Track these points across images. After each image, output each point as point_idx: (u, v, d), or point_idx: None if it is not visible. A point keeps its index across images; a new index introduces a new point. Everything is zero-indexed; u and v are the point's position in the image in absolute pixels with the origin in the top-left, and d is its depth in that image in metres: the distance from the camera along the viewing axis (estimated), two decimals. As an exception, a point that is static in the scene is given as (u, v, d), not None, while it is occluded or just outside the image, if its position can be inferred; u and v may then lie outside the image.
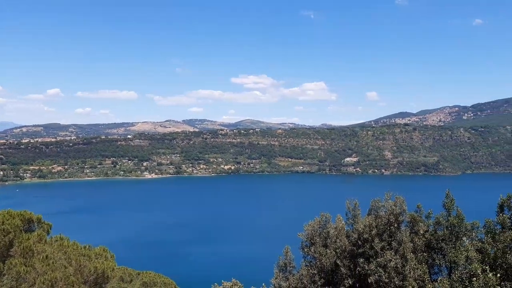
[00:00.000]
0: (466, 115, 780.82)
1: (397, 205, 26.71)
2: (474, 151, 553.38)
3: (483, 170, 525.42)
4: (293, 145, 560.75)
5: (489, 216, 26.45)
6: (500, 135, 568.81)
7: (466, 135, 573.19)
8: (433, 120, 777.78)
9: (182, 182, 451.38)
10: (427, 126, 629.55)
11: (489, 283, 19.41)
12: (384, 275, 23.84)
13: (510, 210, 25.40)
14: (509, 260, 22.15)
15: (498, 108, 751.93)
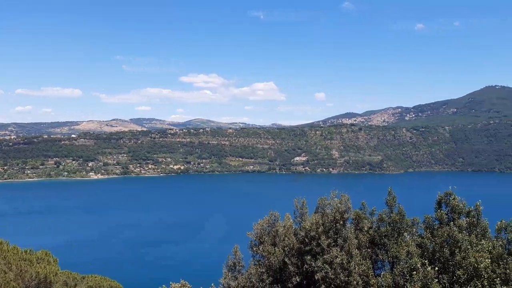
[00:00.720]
0: (408, 116, 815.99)
1: (342, 203, 27.41)
2: (415, 150, 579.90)
3: (423, 168, 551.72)
4: (243, 145, 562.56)
5: (428, 212, 27.68)
6: (439, 135, 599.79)
7: (408, 135, 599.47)
8: (378, 121, 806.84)
9: (130, 183, 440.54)
10: (372, 126, 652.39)
11: (428, 276, 20.39)
12: (331, 271, 24.39)
13: (447, 206, 26.70)
14: (446, 254, 23.34)
15: (437, 109, 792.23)
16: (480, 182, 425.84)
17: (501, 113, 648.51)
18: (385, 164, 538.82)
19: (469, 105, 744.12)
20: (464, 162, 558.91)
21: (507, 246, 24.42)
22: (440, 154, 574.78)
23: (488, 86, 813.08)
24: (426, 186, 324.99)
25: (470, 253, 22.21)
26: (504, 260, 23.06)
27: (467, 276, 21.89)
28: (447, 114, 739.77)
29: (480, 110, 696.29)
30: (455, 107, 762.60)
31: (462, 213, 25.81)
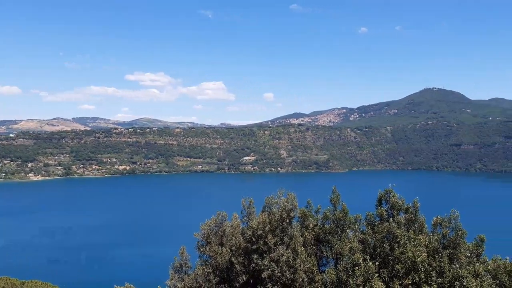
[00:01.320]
0: (352, 116, 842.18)
1: (289, 201, 27.82)
2: (359, 149, 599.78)
3: (367, 167, 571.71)
4: (192, 145, 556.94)
5: (370, 209, 28.68)
6: (382, 135, 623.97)
7: (353, 135, 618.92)
8: (324, 121, 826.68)
9: (73, 184, 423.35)
10: (319, 126, 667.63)
11: (369, 271, 21.15)
12: (277, 269, 24.68)
13: (387, 203, 27.79)
14: (386, 249, 24.31)
15: (380, 110, 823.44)
16: (419, 179, 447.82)
17: (438, 114, 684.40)
18: (331, 163, 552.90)
19: (409, 107, 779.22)
20: (404, 161, 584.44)
21: (442, 241, 25.78)
22: (382, 153, 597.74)
23: (427, 88, 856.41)
24: (369, 184, 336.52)
25: (408, 248, 23.26)
26: (440, 254, 24.37)
27: (405, 270, 22.92)
28: (389, 115, 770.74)
29: (419, 111, 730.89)
30: (396, 108, 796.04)
31: (401, 209, 26.96)
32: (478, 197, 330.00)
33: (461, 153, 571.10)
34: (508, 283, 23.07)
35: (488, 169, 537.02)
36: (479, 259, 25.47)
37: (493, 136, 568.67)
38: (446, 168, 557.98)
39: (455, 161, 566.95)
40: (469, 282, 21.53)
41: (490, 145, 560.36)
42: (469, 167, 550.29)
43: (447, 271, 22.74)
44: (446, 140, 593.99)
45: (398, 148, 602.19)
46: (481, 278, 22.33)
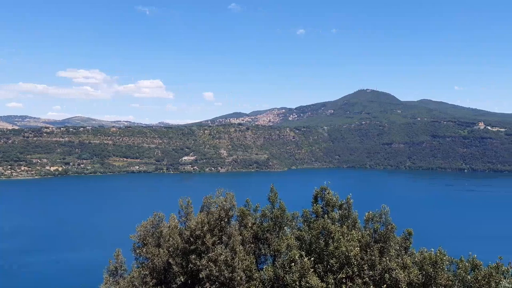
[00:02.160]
0: (291, 116, 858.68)
1: (227, 200, 27.91)
2: (298, 148, 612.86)
3: (305, 165, 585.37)
4: (128, 144, 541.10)
5: (307, 206, 29.41)
6: (319, 135, 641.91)
7: (292, 135, 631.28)
8: (264, 120, 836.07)
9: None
10: (259, 126, 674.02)
11: (304, 266, 21.74)
12: (215, 269, 24.64)
13: (322, 200, 28.68)
14: (321, 244, 25.06)
15: (317, 110, 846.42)
16: (353, 177, 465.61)
17: (371, 115, 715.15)
18: (271, 162, 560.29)
19: (344, 107, 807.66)
20: (340, 159, 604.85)
21: (373, 235, 26.99)
22: (319, 152, 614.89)
23: (360, 89, 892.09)
24: (307, 182, 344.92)
25: (342, 243, 24.13)
26: (371, 247, 25.49)
27: (339, 264, 23.76)
28: (326, 115, 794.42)
29: (354, 112, 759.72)
30: (332, 109, 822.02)
31: (335, 206, 27.96)
32: (407, 193, 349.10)
33: (392, 151, 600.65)
34: (433, 274, 24.54)
35: (417, 166, 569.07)
36: (407, 251, 26.98)
37: (421, 135, 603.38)
38: (378, 166, 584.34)
39: (386, 159, 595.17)
40: (398, 274, 22.77)
41: (418, 144, 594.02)
42: (399, 165, 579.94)
43: (378, 264, 23.92)
44: (378, 139, 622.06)
45: (334, 147, 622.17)
46: (409, 270, 23.67)
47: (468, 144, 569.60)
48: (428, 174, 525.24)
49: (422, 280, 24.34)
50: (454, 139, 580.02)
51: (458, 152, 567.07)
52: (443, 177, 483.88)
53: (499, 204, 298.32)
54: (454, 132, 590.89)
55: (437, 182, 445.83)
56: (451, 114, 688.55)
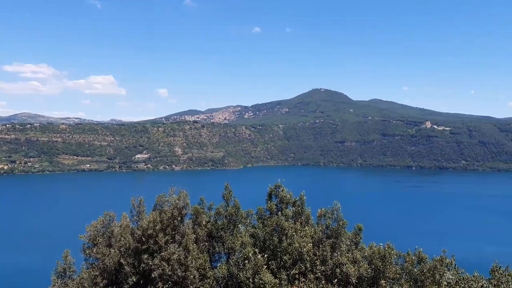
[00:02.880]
0: (247, 114, 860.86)
1: (181, 199, 27.60)
2: (253, 146, 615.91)
3: (261, 163, 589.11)
4: (79, 142, 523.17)
5: (261, 204, 29.60)
6: (274, 133, 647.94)
7: (247, 133, 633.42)
8: (219, 118, 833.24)
9: None
10: (214, 124, 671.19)
11: (258, 263, 21.91)
12: (168, 268, 24.35)
13: (277, 197, 28.97)
14: (275, 241, 25.36)
15: (272, 108, 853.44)
16: (307, 174, 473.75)
17: (325, 113, 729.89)
18: (226, 160, 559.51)
19: (299, 106, 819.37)
20: (295, 157, 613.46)
21: (325, 231, 27.62)
22: (275, 150, 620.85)
23: (315, 89, 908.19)
24: (262, 179, 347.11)
25: (295, 239, 24.53)
26: (323, 243, 26.06)
27: (292, 261, 24.14)
28: (281, 114, 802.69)
29: (308, 110, 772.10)
30: (287, 107, 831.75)
31: (289, 203, 28.33)
32: (358, 190, 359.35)
33: (344, 149, 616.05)
34: (382, 267, 25.46)
35: (368, 164, 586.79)
36: (358, 246, 27.81)
37: (372, 134, 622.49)
38: (332, 163, 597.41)
39: (339, 157, 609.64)
40: (348, 268, 23.47)
41: (369, 142, 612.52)
42: (351, 162, 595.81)
43: (329, 259, 24.53)
44: (331, 137, 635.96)
45: (290, 145, 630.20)
46: (359, 264, 24.46)
47: (416, 143, 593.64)
48: (378, 171, 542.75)
49: (371, 274, 25.19)
50: (402, 138, 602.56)
51: (406, 150, 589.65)
52: (393, 174, 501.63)
53: (444, 200, 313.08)
54: (402, 131, 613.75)
55: (386, 179, 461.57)
56: (400, 113, 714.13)
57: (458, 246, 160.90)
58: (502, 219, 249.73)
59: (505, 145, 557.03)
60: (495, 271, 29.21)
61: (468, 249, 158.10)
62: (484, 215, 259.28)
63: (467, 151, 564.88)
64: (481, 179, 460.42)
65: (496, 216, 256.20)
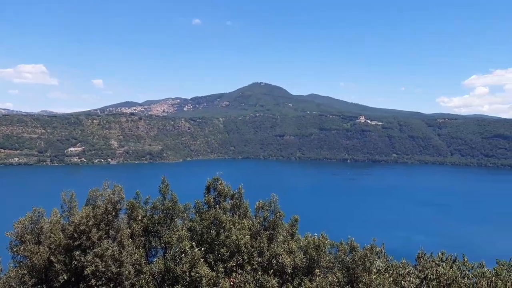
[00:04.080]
0: (186, 107, 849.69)
1: (115, 193, 26.80)
2: (193, 139, 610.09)
3: (200, 156, 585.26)
4: (6, 134, 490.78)
5: (200, 197, 29.45)
6: (214, 126, 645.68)
7: (187, 125, 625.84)
8: (158, 111, 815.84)
9: None
10: (152, 116, 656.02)
11: (195, 257, 21.86)
12: (101, 264, 23.62)
13: (215, 191, 28.95)
14: (213, 234, 25.38)
15: (213, 101, 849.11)
16: (247, 167, 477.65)
17: (265, 107, 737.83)
18: (165, 153, 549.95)
19: (239, 99, 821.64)
20: (235, 150, 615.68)
21: (263, 223, 28.04)
22: (215, 143, 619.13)
23: (255, 82, 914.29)
24: (201, 173, 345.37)
25: (233, 232, 24.69)
26: (261, 235, 26.47)
27: (230, 253, 24.30)
28: (221, 107, 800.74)
29: (248, 104, 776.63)
30: (228, 101, 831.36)
31: (227, 196, 28.42)
32: (296, 182, 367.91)
33: (284, 143, 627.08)
34: (316, 257, 26.32)
35: (306, 157, 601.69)
36: (294, 237, 28.52)
37: (310, 128, 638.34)
38: (271, 156, 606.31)
39: (279, 150, 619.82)
40: (284, 259, 24.05)
41: (307, 136, 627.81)
42: (290, 156, 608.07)
43: (266, 250, 24.97)
44: (271, 131, 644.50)
45: (230, 139, 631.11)
46: (294, 254, 25.13)
47: (351, 137, 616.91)
48: (316, 164, 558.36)
49: (306, 264, 25.98)
50: (338, 132, 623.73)
51: (342, 144, 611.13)
52: (329, 167, 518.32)
53: (376, 192, 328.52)
54: (338, 125, 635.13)
55: (323, 171, 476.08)
56: (337, 108, 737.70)
57: (389, 235, 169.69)
58: (429, 209, 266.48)
59: (431, 139, 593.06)
60: (421, 257, 31.34)
61: (398, 238, 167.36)
62: (413, 206, 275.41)
63: (398, 145, 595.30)
64: (410, 171, 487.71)
65: (423, 207, 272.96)
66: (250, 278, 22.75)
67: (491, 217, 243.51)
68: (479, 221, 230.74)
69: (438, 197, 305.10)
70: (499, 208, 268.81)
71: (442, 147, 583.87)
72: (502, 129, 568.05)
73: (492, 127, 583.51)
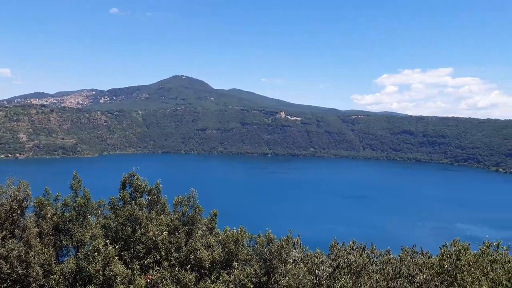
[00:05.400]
0: (103, 99, 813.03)
1: (21, 190, 25.09)
2: (110, 133, 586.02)
3: (118, 151, 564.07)
4: None
5: (116, 193, 28.48)
6: (133, 119, 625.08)
7: (103, 118, 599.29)
8: (71, 102, 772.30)
9: None
10: (66, 109, 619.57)
11: (109, 255, 21.18)
12: (6, 266, 22.06)
13: (131, 186, 28.17)
14: (128, 231, 24.72)
15: (131, 94, 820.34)
16: (167, 162, 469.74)
17: (186, 101, 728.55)
18: (80, 147, 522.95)
19: (160, 92, 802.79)
20: (155, 144, 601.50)
21: (182, 218, 27.83)
22: (134, 137, 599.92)
23: (176, 75, 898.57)
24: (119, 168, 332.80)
25: (150, 228, 24.23)
26: (179, 231, 26.26)
27: (146, 250, 23.84)
28: (140, 99, 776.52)
29: (169, 97, 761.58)
30: (147, 93, 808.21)
31: (144, 191, 27.78)
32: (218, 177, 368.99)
33: (206, 137, 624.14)
34: (235, 250, 26.70)
35: (228, 151, 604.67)
36: (212, 231, 28.65)
37: (231, 122, 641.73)
38: (193, 151, 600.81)
39: (200, 145, 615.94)
40: (202, 253, 24.10)
41: (229, 130, 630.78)
42: (212, 150, 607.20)
43: (184, 246, 24.84)
44: (193, 125, 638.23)
45: (149, 132, 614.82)
46: (212, 249, 25.28)
47: (272, 131, 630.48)
48: (238, 158, 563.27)
49: (225, 257, 26.26)
50: (260, 126, 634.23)
51: (263, 138, 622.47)
52: (250, 161, 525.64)
53: (295, 185, 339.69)
54: (260, 120, 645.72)
55: (245, 165, 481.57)
56: (258, 103, 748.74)
57: (307, 226, 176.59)
58: (346, 201, 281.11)
59: (346, 135, 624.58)
60: (334, 247, 33.06)
61: (316, 229, 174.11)
62: (330, 198, 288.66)
63: (315, 140, 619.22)
64: (327, 165, 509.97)
65: (341, 199, 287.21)
66: (167, 274, 22.53)
67: (400, 207, 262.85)
68: (390, 211, 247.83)
69: (354, 189, 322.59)
70: (407, 199, 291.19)
71: (356, 142, 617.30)
72: (409, 126, 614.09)
73: (400, 124, 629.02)
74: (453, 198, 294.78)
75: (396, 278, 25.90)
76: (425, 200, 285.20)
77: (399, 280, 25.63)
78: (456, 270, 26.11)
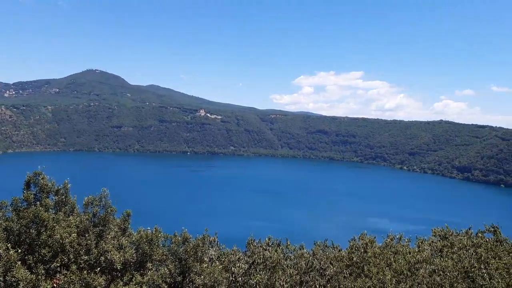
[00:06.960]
0: (8, 93, 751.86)
1: None
2: (15, 129, 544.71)
3: (24, 149, 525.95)
4: None
5: (19, 194, 26.67)
6: (42, 115, 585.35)
7: (8, 113, 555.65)
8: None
9: None
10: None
11: (10, 259, 19.83)
12: None
13: (36, 186, 26.51)
14: (33, 234, 23.26)
15: (39, 88, 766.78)
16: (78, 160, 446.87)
17: (101, 96, 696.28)
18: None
19: (71, 87, 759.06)
20: (66, 142, 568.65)
21: (92, 219, 26.74)
22: (42, 134, 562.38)
23: (89, 69, 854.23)
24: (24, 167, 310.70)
25: (56, 231, 23.00)
26: (89, 232, 25.24)
27: (53, 253, 22.61)
28: (50, 94, 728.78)
29: (82, 92, 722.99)
30: (57, 88, 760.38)
31: (51, 192, 26.27)
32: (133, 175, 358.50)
33: (121, 134, 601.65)
34: (149, 251, 26.26)
35: (145, 149, 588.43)
36: (125, 232, 27.89)
37: (149, 120, 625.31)
38: (107, 149, 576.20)
39: (115, 142, 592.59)
40: (113, 255, 23.40)
41: (146, 128, 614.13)
42: (128, 148, 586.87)
43: (94, 248, 23.91)
44: (107, 122, 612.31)
45: (60, 129, 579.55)
46: (124, 250, 24.63)
47: (191, 129, 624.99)
48: (156, 156, 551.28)
49: (138, 258, 25.71)
50: (179, 124, 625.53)
51: (182, 136, 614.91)
52: (169, 159, 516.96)
53: (214, 183, 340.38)
54: (179, 117, 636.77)
55: (163, 164, 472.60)
56: (177, 101, 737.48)
57: (227, 223, 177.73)
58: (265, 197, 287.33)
59: (265, 133, 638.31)
60: (250, 243, 33.79)
61: (235, 226, 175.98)
62: (250, 195, 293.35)
63: (235, 138, 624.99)
64: (247, 163, 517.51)
65: (260, 196, 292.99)
66: (75, 277, 21.56)
67: (314, 202, 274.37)
68: (305, 206, 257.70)
69: (272, 186, 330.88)
70: (321, 195, 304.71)
71: (274, 140, 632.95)
72: (323, 125, 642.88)
73: (315, 123, 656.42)
74: (362, 193, 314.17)
75: (309, 272, 27.07)
76: (337, 196, 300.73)
77: (311, 273, 26.81)
78: (363, 262, 28.00)
